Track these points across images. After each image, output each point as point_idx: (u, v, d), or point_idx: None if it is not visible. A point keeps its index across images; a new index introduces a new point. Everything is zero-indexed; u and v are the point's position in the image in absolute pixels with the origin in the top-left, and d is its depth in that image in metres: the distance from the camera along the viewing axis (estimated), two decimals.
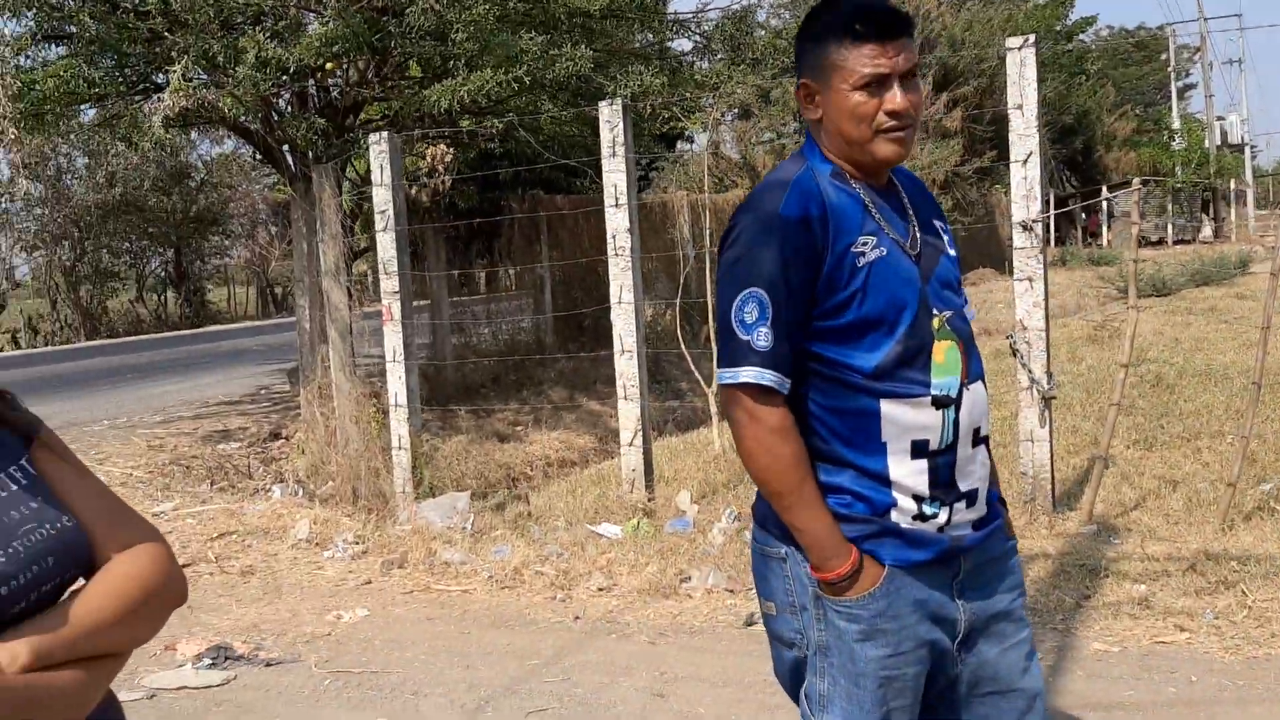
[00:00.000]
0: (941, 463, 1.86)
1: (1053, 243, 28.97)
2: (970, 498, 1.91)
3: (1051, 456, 5.40)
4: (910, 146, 1.89)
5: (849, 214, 1.86)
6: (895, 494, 1.86)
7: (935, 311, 1.88)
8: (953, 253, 1.99)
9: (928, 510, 1.86)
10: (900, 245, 1.89)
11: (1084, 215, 36.14)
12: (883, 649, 1.86)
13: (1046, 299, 5.38)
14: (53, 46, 8.86)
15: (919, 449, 1.85)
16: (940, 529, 1.88)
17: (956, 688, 1.95)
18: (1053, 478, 5.42)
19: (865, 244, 1.84)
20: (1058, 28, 32.84)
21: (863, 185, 1.90)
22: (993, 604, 1.96)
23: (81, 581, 1.31)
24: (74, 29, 8.25)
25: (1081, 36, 37.46)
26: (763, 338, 1.82)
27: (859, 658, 1.86)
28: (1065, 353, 9.84)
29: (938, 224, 2.00)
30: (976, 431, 1.91)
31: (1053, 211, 20.06)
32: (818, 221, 1.82)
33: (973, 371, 1.92)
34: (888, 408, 1.84)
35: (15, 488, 1.27)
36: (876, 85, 1.82)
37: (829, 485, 1.88)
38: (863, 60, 1.81)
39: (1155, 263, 17.59)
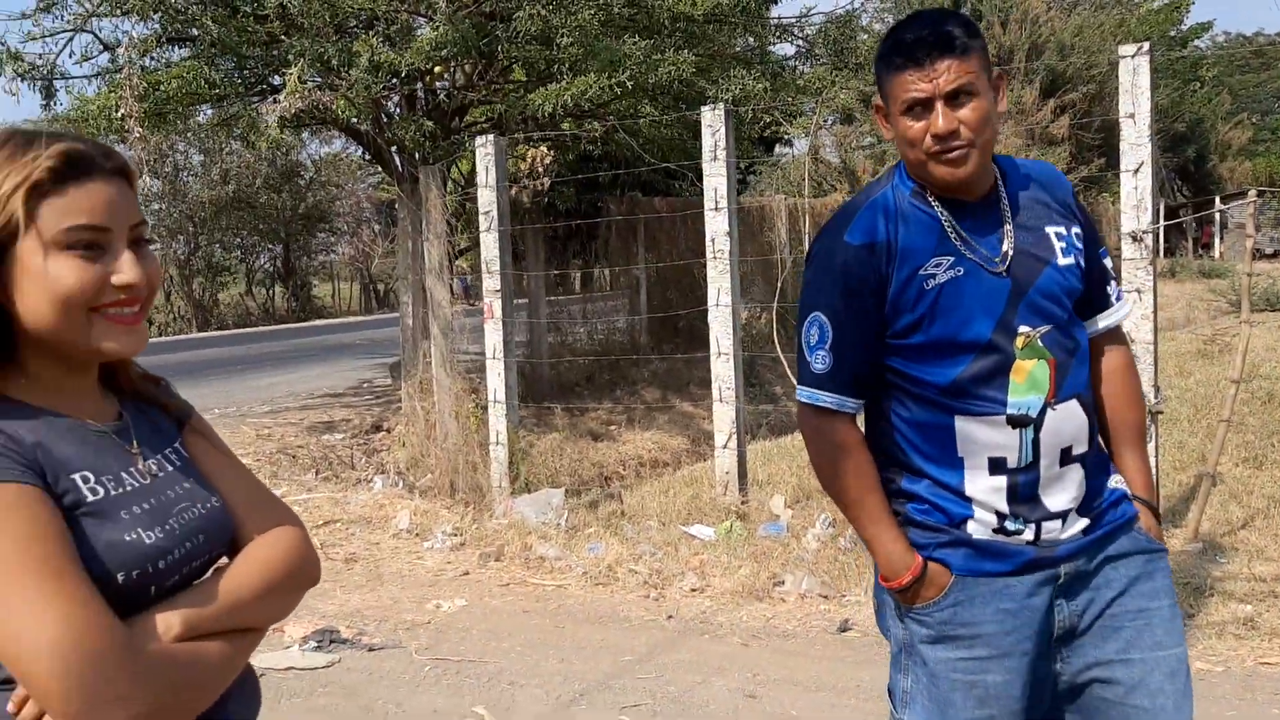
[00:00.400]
0: (1022, 481, 1.84)
1: (1162, 254, 28.12)
2: (1065, 518, 1.86)
3: (1156, 472, 5.28)
4: (969, 165, 1.83)
5: (922, 236, 1.87)
6: (973, 508, 1.87)
7: (1023, 329, 1.83)
8: (1066, 261, 1.90)
9: (1010, 526, 1.86)
10: (983, 263, 1.86)
11: (1195, 226, 34.99)
12: (954, 652, 1.88)
13: (1155, 312, 5.26)
14: (175, 49, 9.25)
15: (996, 465, 1.85)
16: (1029, 543, 1.86)
17: (1057, 684, 1.91)
18: (1157, 494, 5.30)
19: (938, 265, 1.85)
20: (1171, 33, 31.88)
21: (944, 202, 1.89)
22: (1117, 605, 1.89)
23: (225, 560, 1.40)
24: (196, 32, 8.59)
25: (1196, 42, 36.31)
26: (820, 360, 1.92)
27: (930, 659, 1.91)
28: (1173, 367, 9.57)
29: (1053, 230, 1.92)
30: (1067, 451, 1.86)
31: (1163, 222, 19.50)
32: (883, 248, 1.86)
33: (1066, 390, 1.85)
34: (961, 424, 1.85)
35: (171, 469, 1.37)
36: (921, 108, 1.82)
37: (908, 492, 1.93)
38: (904, 85, 1.83)
39: (1269, 276, 16.96)
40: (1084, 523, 1.89)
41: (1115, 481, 1.97)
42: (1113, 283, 2.01)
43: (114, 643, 1.16)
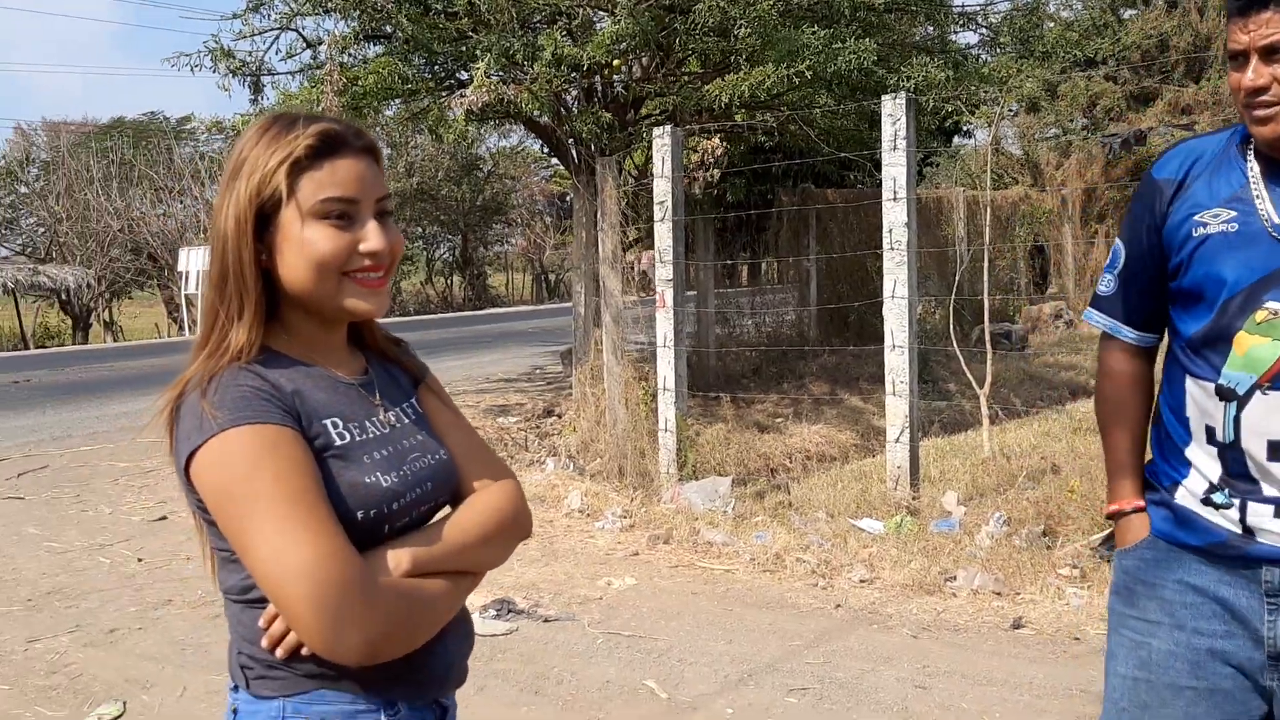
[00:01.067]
0: (1232, 456, 1.77)
1: None
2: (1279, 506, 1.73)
3: None
4: (1277, 124, 1.71)
5: (1221, 185, 1.81)
6: (1190, 472, 1.84)
7: (1272, 304, 1.72)
8: None
9: (1218, 499, 1.79)
10: (1271, 229, 1.74)
11: None
12: (1125, 606, 1.91)
13: None
14: (371, 46, 9.73)
15: (1210, 434, 1.80)
16: (1237, 524, 1.76)
17: (1274, 703, 1.79)
18: None
19: (1215, 216, 1.79)
20: None
21: (1264, 159, 1.79)
22: None
23: (448, 508, 1.52)
24: (391, 29, 9.02)
25: None
26: (1105, 283, 2.00)
27: (1113, 609, 1.94)
28: None
29: None
30: (1278, 445, 1.72)
31: None
32: (1173, 185, 1.85)
33: None
34: (1189, 384, 1.83)
35: (407, 421, 1.51)
36: (1242, 59, 1.74)
37: (1151, 452, 1.96)
38: (1229, 33, 1.78)
39: None
40: None
41: None
42: None
43: (355, 573, 1.29)
